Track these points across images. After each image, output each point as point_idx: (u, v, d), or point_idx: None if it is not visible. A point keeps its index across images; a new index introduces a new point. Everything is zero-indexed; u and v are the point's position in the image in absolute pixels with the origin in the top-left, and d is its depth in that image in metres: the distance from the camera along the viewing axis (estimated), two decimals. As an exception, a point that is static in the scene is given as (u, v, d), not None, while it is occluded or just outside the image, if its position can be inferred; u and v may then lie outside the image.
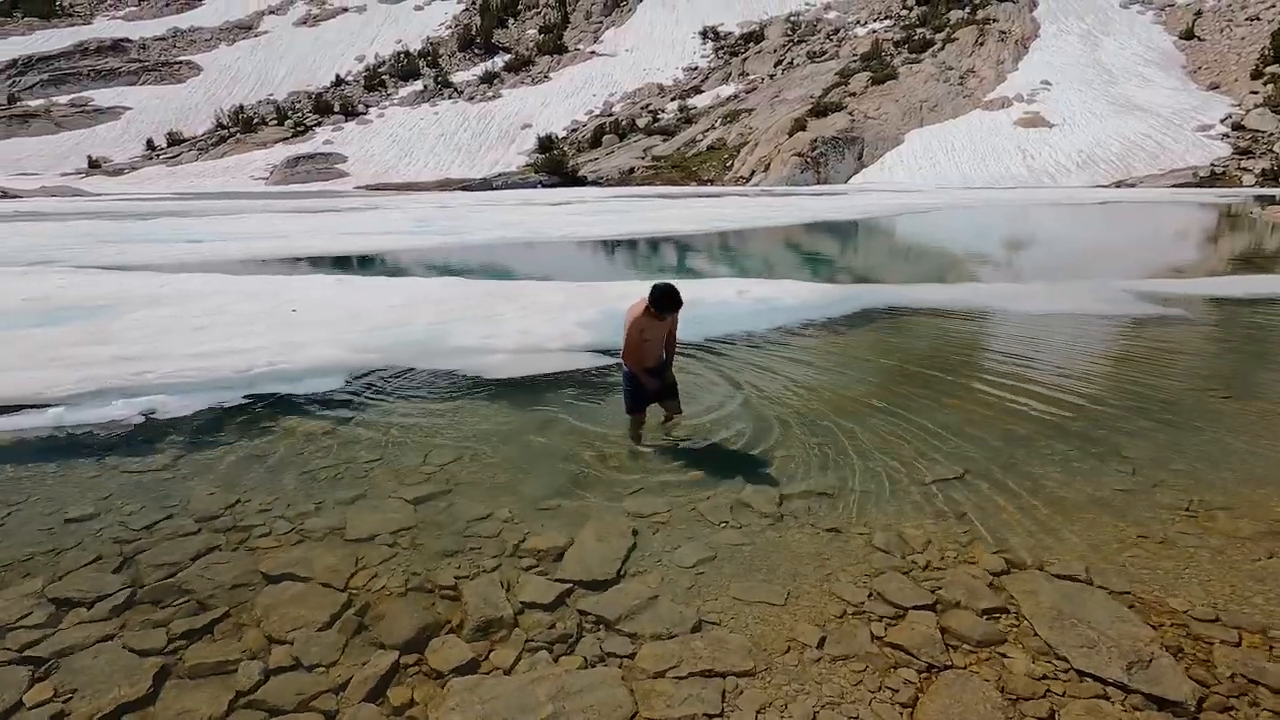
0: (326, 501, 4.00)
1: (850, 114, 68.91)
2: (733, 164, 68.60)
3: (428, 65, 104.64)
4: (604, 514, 3.85)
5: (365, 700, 2.54)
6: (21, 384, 5.31)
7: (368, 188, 68.82)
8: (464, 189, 63.01)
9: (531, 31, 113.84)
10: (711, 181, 66.98)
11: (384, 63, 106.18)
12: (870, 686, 2.56)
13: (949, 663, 2.65)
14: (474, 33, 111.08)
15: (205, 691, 2.58)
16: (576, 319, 7.44)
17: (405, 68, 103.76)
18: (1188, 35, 75.02)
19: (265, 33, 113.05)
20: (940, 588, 3.12)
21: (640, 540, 3.61)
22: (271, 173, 76.96)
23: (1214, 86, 65.74)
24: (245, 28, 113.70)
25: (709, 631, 2.89)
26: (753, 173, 65.73)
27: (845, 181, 63.03)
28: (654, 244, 19.00)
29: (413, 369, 6.20)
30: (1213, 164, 51.72)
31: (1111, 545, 3.41)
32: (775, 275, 11.73)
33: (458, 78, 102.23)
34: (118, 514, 3.83)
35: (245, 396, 5.44)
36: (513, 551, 3.53)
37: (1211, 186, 48.33)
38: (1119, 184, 52.01)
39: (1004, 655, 2.68)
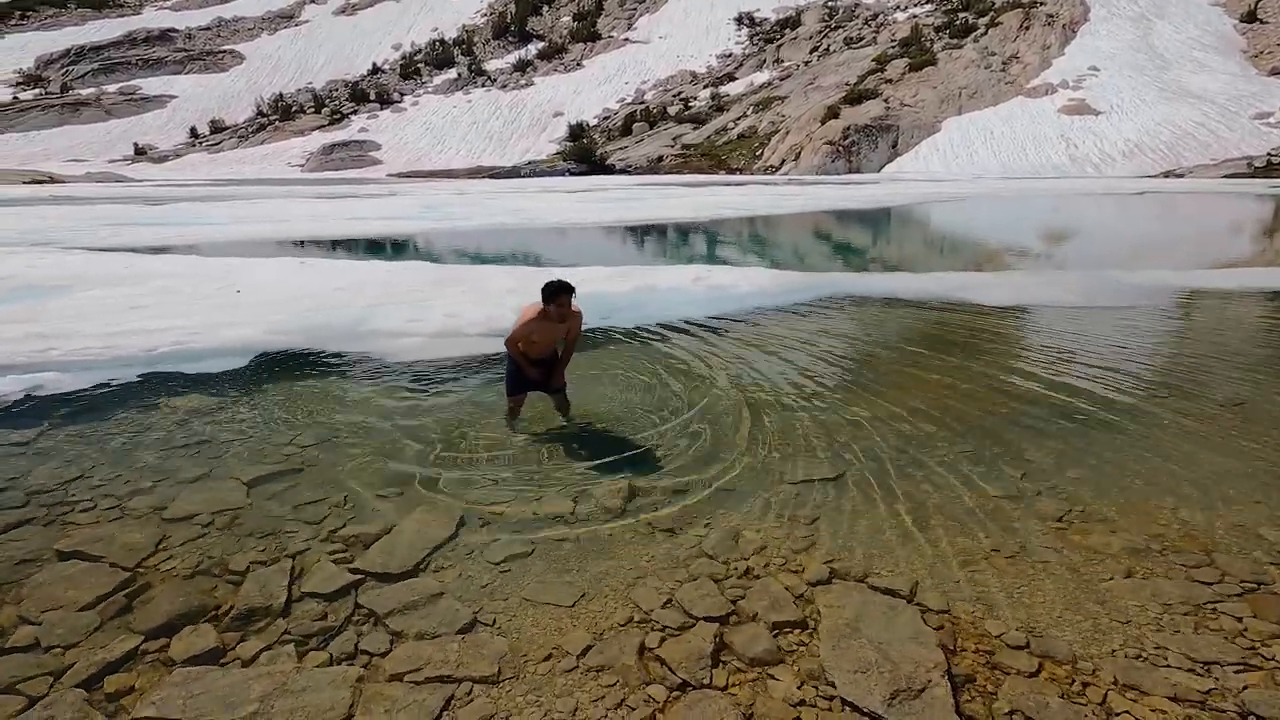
0: (166, 479, 3.92)
1: (885, 101, 67.07)
2: (763, 152, 67.53)
3: (462, 53, 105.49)
4: (439, 502, 3.68)
5: (78, 686, 2.42)
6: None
7: (400, 175, 69.83)
8: (492, 176, 63.48)
9: (565, 19, 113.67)
10: (740, 170, 66.05)
11: (420, 51, 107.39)
12: (610, 703, 2.33)
13: (706, 682, 2.40)
14: (508, 20, 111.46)
15: (-79, 672, 2.48)
16: (513, 304, 7.25)
17: (440, 56, 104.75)
18: (1249, 18, 70.79)
19: (305, 21, 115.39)
20: (744, 598, 2.86)
21: (462, 531, 3.42)
22: (308, 160, 78.66)
23: (1276, 72, 61.94)
24: (286, 17, 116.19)
25: (475, 633, 2.69)
26: (783, 161, 64.60)
27: (878, 171, 61.48)
28: (644, 231, 18.71)
29: (323, 351, 6.11)
30: (1269, 154, 48.80)
31: (957, 558, 3.09)
32: (745, 262, 11.37)
33: (491, 65, 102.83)
34: (-49, 487, 3.79)
35: (140, 375, 5.42)
36: (326, 537, 3.38)
37: (1267, 177, 45.59)
38: (1167, 174, 49.52)
39: (771, 676, 2.42)
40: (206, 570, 3.10)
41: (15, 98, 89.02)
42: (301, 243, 15.01)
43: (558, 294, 4.18)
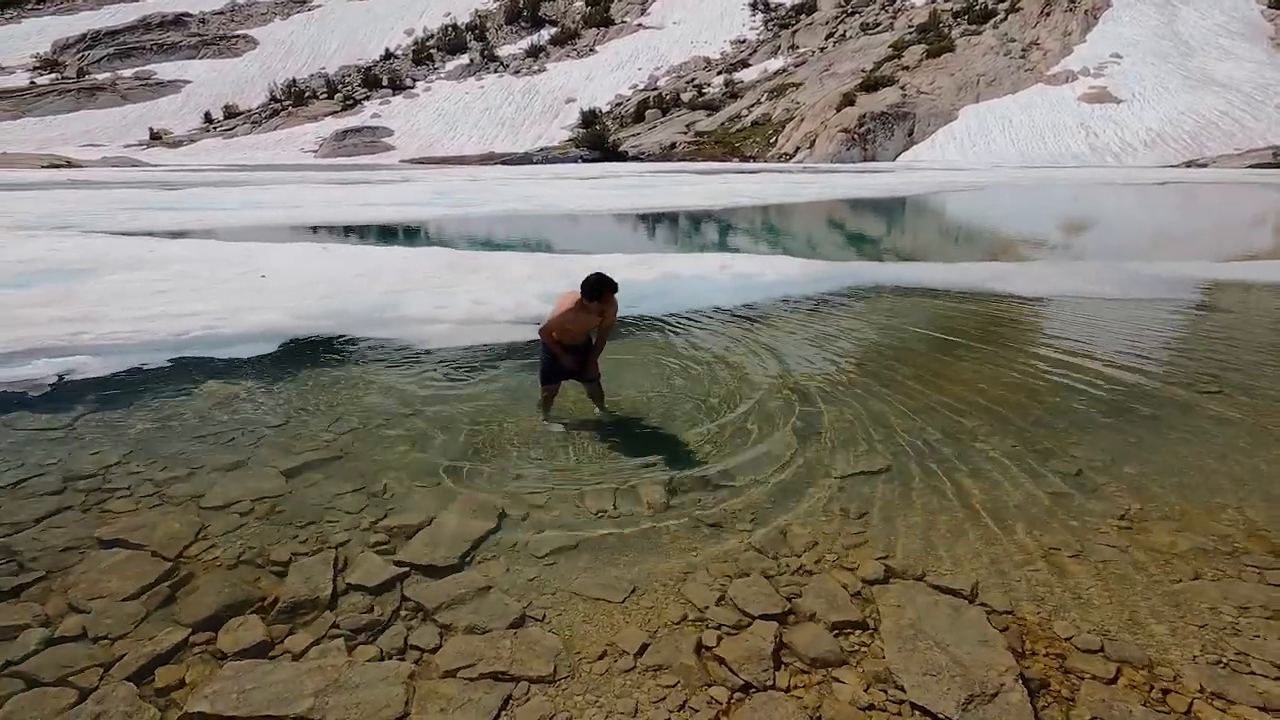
0: (204, 467, 3.88)
1: (902, 88, 66.05)
2: (777, 140, 66.76)
3: (475, 38, 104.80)
4: (479, 493, 3.62)
5: (129, 679, 2.38)
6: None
7: (413, 161, 69.66)
8: (504, 163, 63.21)
9: (578, 4, 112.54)
10: (754, 158, 65.39)
11: (432, 36, 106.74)
12: (672, 704, 2.27)
13: (769, 683, 2.33)
14: (521, 5, 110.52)
15: (-27, 660, 2.46)
16: (535, 291, 7.19)
17: (452, 41, 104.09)
18: (1277, 4, 68.97)
19: (318, 6, 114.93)
20: (800, 595, 2.78)
21: (504, 524, 3.37)
22: (320, 146, 78.59)
23: (1306, 60, 60.39)
24: (299, 1, 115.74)
25: (526, 629, 2.64)
26: (797, 149, 63.86)
27: (894, 159, 60.64)
28: (659, 218, 18.56)
29: (351, 337, 6.06)
30: (1297, 144, 47.69)
31: (1015, 557, 3.00)
32: (766, 251, 11.22)
33: (504, 51, 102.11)
34: (-10, 472, 3.77)
35: (170, 360, 5.39)
36: (367, 528, 3.33)
37: (1294, 169, 44.58)
38: (1190, 164, 48.58)
39: (836, 678, 2.34)
40: (249, 560, 3.06)
41: (32, 82, 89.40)
42: (315, 228, 14.98)
43: (601, 291, 4.06)
